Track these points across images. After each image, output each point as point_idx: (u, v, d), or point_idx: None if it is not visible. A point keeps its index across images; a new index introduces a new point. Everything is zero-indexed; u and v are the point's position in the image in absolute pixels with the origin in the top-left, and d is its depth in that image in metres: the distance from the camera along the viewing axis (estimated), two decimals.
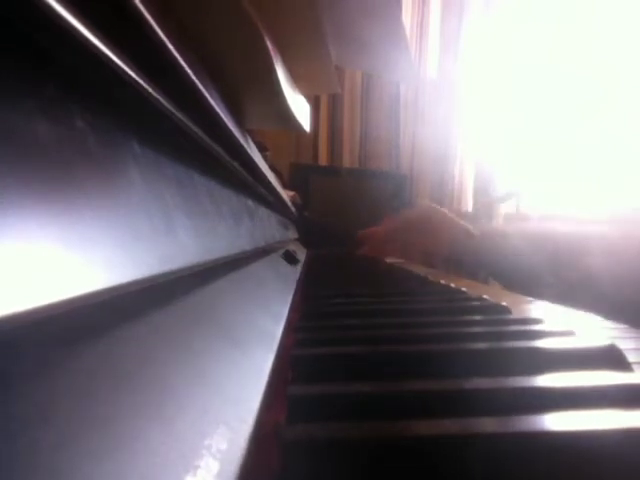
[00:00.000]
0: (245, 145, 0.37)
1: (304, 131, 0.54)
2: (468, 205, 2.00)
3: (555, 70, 1.85)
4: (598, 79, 1.75)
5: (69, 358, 0.11)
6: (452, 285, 0.54)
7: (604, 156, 1.73)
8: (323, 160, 2.05)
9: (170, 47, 0.19)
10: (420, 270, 0.80)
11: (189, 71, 0.21)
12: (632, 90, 1.66)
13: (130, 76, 0.15)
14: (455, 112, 1.99)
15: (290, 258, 0.64)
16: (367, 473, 0.15)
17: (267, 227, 0.55)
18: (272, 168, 0.74)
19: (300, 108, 0.50)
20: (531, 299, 0.51)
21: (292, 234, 1.00)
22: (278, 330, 0.27)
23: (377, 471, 0.15)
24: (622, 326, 0.36)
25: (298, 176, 1.76)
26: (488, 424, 0.16)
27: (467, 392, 0.19)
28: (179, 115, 0.21)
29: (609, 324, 0.37)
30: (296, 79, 0.48)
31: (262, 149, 0.64)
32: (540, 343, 0.25)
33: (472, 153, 2.00)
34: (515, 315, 0.36)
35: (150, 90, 0.17)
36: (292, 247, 0.79)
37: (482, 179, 1.99)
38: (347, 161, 2.05)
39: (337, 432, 0.15)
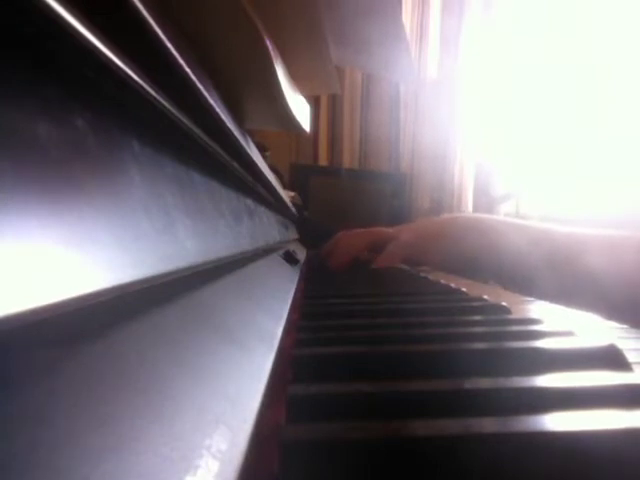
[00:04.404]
0: (245, 145, 0.37)
1: (304, 131, 0.54)
2: (468, 205, 2.00)
3: (555, 70, 1.85)
4: (599, 79, 1.75)
5: (68, 358, 0.11)
6: (452, 285, 0.54)
7: (605, 157, 1.73)
8: (323, 160, 2.05)
9: (170, 47, 0.19)
10: (419, 270, 0.80)
11: (188, 71, 0.21)
12: (633, 91, 1.66)
13: (130, 76, 0.15)
14: (455, 112, 1.99)
15: (290, 258, 0.64)
16: (368, 474, 0.15)
17: (267, 227, 0.55)
18: (272, 168, 0.74)
19: (300, 108, 0.50)
20: (531, 299, 0.51)
21: (292, 234, 1.00)
22: (278, 330, 0.27)
23: (378, 471, 0.15)
24: (622, 326, 0.36)
25: (298, 176, 1.76)
26: (488, 424, 0.16)
27: (467, 392, 0.19)
28: (179, 115, 0.21)
29: (609, 324, 0.37)
30: (296, 79, 0.48)
31: (262, 149, 0.63)
32: (540, 343, 0.25)
33: (472, 153, 2.00)
34: (515, 315, 0.36)
35: (150, 90, 0.17)
36: (292, 247, 0.79)
37: (482, 179, 1.99)
38: (347, 161, 2.05)
39: (338, 432, 0.15)
